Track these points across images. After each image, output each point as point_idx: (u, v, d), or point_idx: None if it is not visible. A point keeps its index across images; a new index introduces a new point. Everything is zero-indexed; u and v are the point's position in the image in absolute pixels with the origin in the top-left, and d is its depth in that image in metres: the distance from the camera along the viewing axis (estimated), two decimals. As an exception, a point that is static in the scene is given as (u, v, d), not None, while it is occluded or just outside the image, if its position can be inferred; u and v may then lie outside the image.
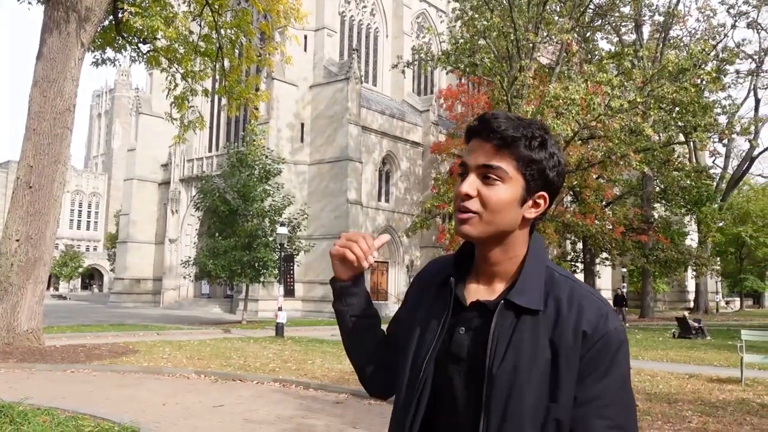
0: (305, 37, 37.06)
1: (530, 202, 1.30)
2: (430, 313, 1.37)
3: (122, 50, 18.29)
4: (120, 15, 16.78)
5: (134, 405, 8.76)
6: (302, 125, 38.87)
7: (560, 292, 1.27)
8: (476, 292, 1.34)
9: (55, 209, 14.86)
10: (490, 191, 1.27)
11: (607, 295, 58.64)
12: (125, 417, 7.40)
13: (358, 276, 1.51)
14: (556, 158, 1.30)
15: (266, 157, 28.71)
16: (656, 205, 45.64)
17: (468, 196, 1.28)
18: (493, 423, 1.21)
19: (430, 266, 1.52)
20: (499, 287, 1.32)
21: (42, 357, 13.13)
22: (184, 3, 19.23)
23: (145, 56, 18.37)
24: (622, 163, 28.10)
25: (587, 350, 1.21)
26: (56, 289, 75.24)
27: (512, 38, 25.79)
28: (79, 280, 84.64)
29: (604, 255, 44.85)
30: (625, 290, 43.04)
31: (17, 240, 14.09)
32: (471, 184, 1.28)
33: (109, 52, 18.38)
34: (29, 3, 16.43)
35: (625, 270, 47.96)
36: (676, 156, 40.69)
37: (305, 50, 38.09)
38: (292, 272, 26.24)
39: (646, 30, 41.44)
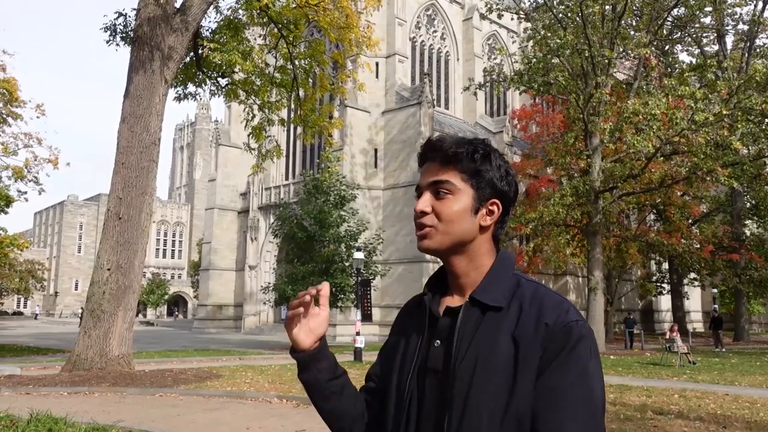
0: (377, 64, 37.59)
1: (483, 210, 1.38)
2: (410, 334, 1.43)
3: (202, 85, 19.08)
4: (200, 51, 17.53)
5: (219, 428, 8.92)
6: (375, 151, 39.27)
7: (524, 292, 1.32)
8: (449, 303, 1.40)
9: (143, 239, 15.51)
10: (442, 204, 1.36)
11: (698, 317, 55.92)
12: (211, 441, 7.54)
13: (321, 338, 1.47)
14: (503, 169, 1.39)
15: (341, 183, 29.12)
16: (747, 221, 43.33)
17: (423, 213, 1.37)
18: (455, 418, 1.25)
19: (414, 297, 1.55)
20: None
21: (132, 381, 13.63)
22: (260, 37, 19.92)
23: (223, 89, 19.09)
24: (708, 179, 26.89)
25: (548, 342, 1.23)
26: (144, 315, 78.38)
27: (587, 55, 25.26)
28: (165, 306, 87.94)
29: (692, 275, 42.89)
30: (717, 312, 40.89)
31: (108, 269, 14.78)
32: (425, 201, 1.38)
33: (191, 87, 19.19)
34: (117, 45, 17.39)
35: (715, 291, 45.70)
36: (767, 170, 38.59)
37: (377, 77, 38.63)
38: (369, 297, 26.31)
39: (730, 40, 39.82)
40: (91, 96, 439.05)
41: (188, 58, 18.05)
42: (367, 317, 26.13)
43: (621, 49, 26.63)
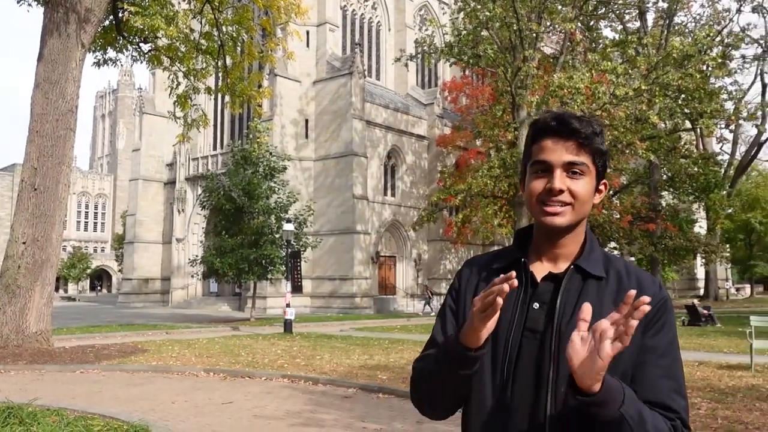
0: (307, 33, 36.98)
1: (596, 191, 1.47)
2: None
3: (123, 50, 18.28)
4: (120, 15, 16.77)
5: (143, 404, 8.77)
6: (306, 121, 38.83)
7: (618, 266, 1.45)
8: (543, 269, 1.47)
9: (61, 211, 14.88)
10: (577, 185, 1.41)
11: (616, 284, 58.50)
12: (134, 416, 7.40)
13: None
14: (606, 150, 1.48)
15: (270, 154, 28.69)
16: (664, 193, 45.43)
17: (561, 191, 1.41)
18: (562, 373, 1.32)
19: (474, 261, 1.59)
20: (564, 264, 1.46)
21: (51, 358, 13.18)
22: (184, 1, 19.21)
23: (146, 56, 18.35)
24: (628, 151, 27.95)
25: (649, 311, 1.28)
26: (65, 291, 75.65)
27: (515, 29, 25.62)
28: (88, 281, 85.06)
29: (612, 244, 44.69)
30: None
31: (24, 242, 14.13)
32: (561, 179, 1.41)
33: (111, 53, 18.35)
34: (29, 5, 16.43)
35: (633, 259, 47.75)
36: (682, 143, 40.53)
37: (307, 46, 38.03)
38: (299, 269, 26.23)
39: (650, 17, 41.21)
40: (1, 59, 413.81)
41: (108, 22, 17.22)
42: (297, 289, 26.08)
43: (548, 24, 27.15)
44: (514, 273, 1.27)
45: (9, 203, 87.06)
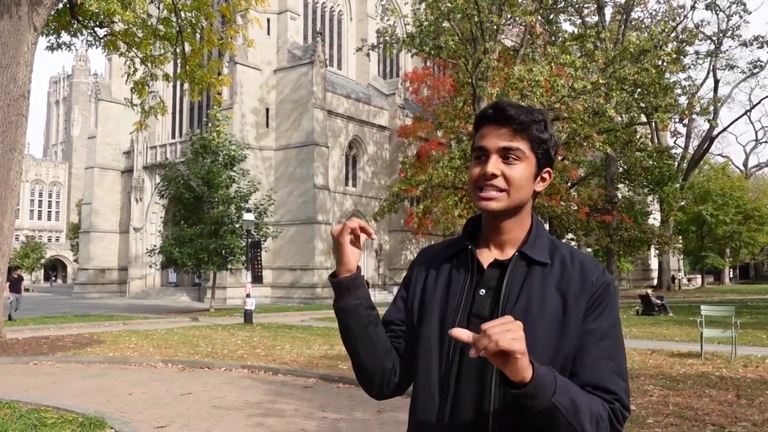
0: (268, 21, 36.56)
1: (538, 178, 1.49)
2: (448, 282, 1.51)
3: (78, 34, 17.79)
4: (75, -2, 16.30)
5: (99, 395, 8.63)
6: (267, 110, 38.46)
7: (563, 252, 1.47)
8: (490, 256, 1.50)
9: (12, 199, 14.46)
10: (512, 170, 1.44)
11: (573, 274, 59.62)
12: (90, 408, 7.29)
13: (358, 268, 1.54)
14: (554, 138, 1.50)
15: (230, 143, 28.34)
16: (620, 185, 46.37)
17: (494, 176, 1.43)
18: None
19: (426, 251, 1.64)
20: (510, 251, 1.49)
21: (3, 350, 12.86)
22: (141, -15, 18.74)
23: (102, 40, 17.90)
24: (585, 144, 28.45)
25: (591, 295, 1.40)
26: (18, 281, 73.55)
27: (476, 20, 25.78)
28: (42, 271, 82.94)
29: (570, 236, 45.49)
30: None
31: (-27, 231, 13.70)
32: (495, 164, 1.43)
33: (65, 37, 17.80)
34: (-23, -15, 15.82)
35: (590, 250, 48.66)
36: (638, 137, 41.35)
37: (268, 34, 37.59)
38: (259, 258, 26.05)
39: (608, 12, 41.83)
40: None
41: (61, 5, 16.73)
42: (257, 279, 25.91)
43: (509, 16, 27.36)
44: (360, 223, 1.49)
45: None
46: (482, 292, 1.45)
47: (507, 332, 1.15)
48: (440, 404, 1.43)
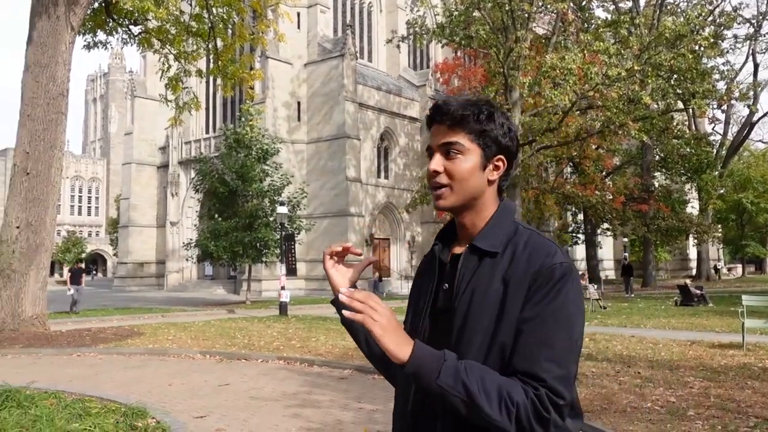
0: (298, 14, 36.68)
1: (491, 166, 1.49)
2: (424, 281, 1.59)
3: (113, 33, 18.13)
4: (110, -3, 16.59)
5: (140, 386, 8.82)
6: (298, 104, 38.65)
7: (520, 239, 1.45)
8: (459, 251, 1.53)
9: (54, 195, 14.84)
10: (453, 164, 1.47)
11: (610, 265, 58.87)
12: (132, 398, 7.46)
13: (354, 285, 1.65)
14: (505, 126, 1.50)
15: (263, 137, 28.59)
16: (656, 173, 45.54)
17: (436, 173, 1.48)
18: (452, 347, 1.37)
19: (431, 249, 1.68)
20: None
21: (48, 342, 13.23)
22: (174, -17, 18.97)
23: (136, 38, 18.20)
24: (620, 132, 27.95)
25: (534, 281, 1.37)
26: (60, 275, 75.46)
27: (507, 8, 25.48)
28: (83, 265, 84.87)
29: (605, 225, 44.89)
30: (627, 260, 43.13)
31: (17, 227, 14.10)
32: (437, 161, 1.48)
33: (101, 35, 18.17)
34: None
35: (626, 240, 48.10)
36: (675, 124, 40.52)
37: (298, 27, 37.74)
38: (293, 251, 26.27)
39: (643, -4, 40.96)
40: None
41: (97, 4, 17.05)
42: (291, 272, 26.13)
43: (540, 3, 26.99)
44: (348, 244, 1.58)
45: (2, 188, 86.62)
46: (445, 286, 1.49)
47: (372, 311, 1.31)
48: (407, 393, 1.51)
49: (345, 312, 1.34)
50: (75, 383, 8.81)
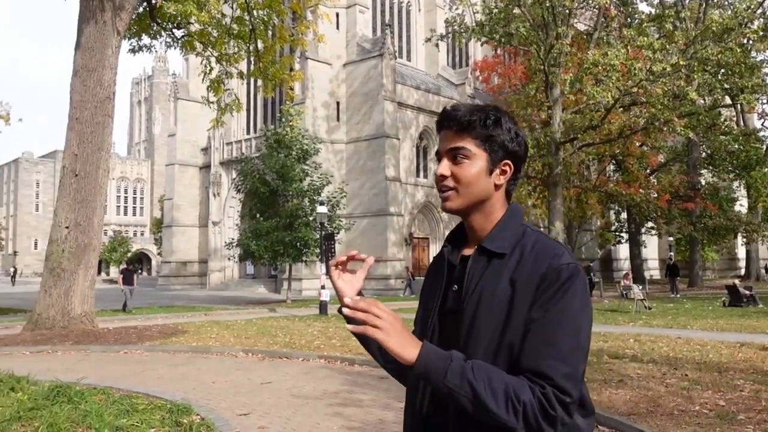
0: (337, 15, 36.87)
1: (497, 171, 1.52)
2: (434, 283, 1.62)
3: (157, 36, 18.50)
4: (153, 1, 16.94)
5: (185, 383, 8.98)
6: (338, 104, 38.85)
7: (527, 241, 1.48)
8: (465, 253, 1.57)
9: (101, 196, 15.23)
10: (460, 169, 1.51)
11: (654, 264, 57.63)
12: (177, 395, 7.60)
13: (360, 292, 1.64)
14: (513, 131, 1.53)
15: (303, 137, 28.83)
16: (703, 171, 44.38)
17: (443, 177, 1.52)
18: (469, 351, 1.40)
19: (440, 251, 1.71)
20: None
21: (96, 339, 13.58)
22: (215, -14, 19.25)
23: (179, 41, 18.55)
24: (665, 129, 27.37)
25: (540, 282, 1.39)
26: (106, 274, 77.47)
27: (548, 5, 25.16)
28: (133, 266, 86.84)
29: (650, 224, 43.99)
30: (672, 259, 42.16)
31: (67, 227, 14.51)
32: (444, 166, 1.52)
33: (145, 39, 18.60)
34: (66, -6, 16.66)
35: (672, 239, 46.98)
36: (722, 120, 39.40)
37: (337, 28, 37.93)
38: (333, 250, 26.38)
39: (689, -11, 39.95)
40: (42, 48, 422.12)
41: (141, 9, 17.43)
42: (331, 271, 26.24)
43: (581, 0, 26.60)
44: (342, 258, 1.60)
45: (52, 189, 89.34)
46: (454, 288, 1.52)
47: (374, 318, 1.32)
48: (418, 395, 1.54)
49: (348, 326, 1.38)
50: (122, 380, 9.01)
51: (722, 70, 29.39)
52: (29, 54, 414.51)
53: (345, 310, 1.37)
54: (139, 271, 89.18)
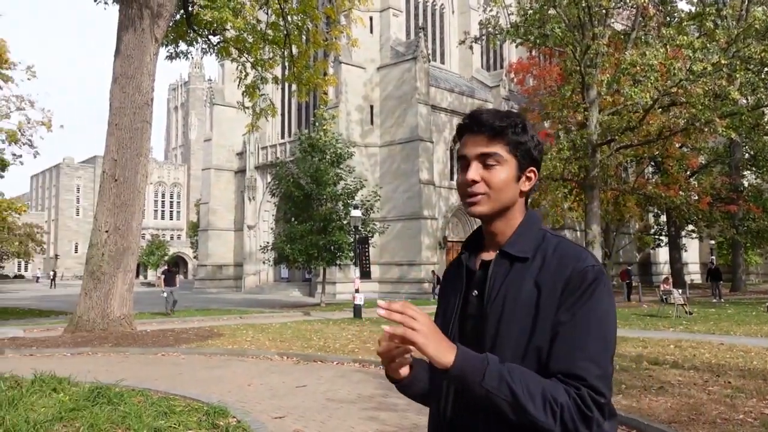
0: (371, 19, 36.99)
1: (524, 178, 1.54)
2: (452, 289, 1.62)
3: (194, 43, 18.79)
4: (190, 9, 17.21)
5: (221, 386, 9.06)
6: (371, 107, 38.94)
7: (548, 245, 1.49)
8: (488, 258, 1.57)
9: (140, 200, 15.50)
10: (491, 174, 1.51)
11: (695, 268, 56.36)
12: (213, 397, 7.66)
13: (412, 366, 1.56)
14: (535, 139, 1.55)
15: (337, 141, 28.95)
16: (746, 172, 43.24)
17: (474, 182, 1.51)
18: (486, 352, 1.40)
19: (456, 257, 1.72)
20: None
21: (134, 341, 13.80)
22: (251, -8, 19.48)
23: (215, 47, 18.80)
24: (706, 129, 26.70)
25: (566, 285, 1.40)
26: (144, 277, 78.85)
27: (583, 5, 24.82)
28: (166, 268, 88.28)
29: (690, 227, 43.03)
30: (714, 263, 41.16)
31: (106, 231, 14.80)
32: (475, 170, 1.52)
33: (182, 46, 18.92)
34: (105, 3, 17.05)
35: (713, 242, 45.95)
36: (766, 120, 38.36)
37: (371, 32, 38.03)
38: (367, 254, 26.49)
39: (730, -13, 39.04)
40: (82, 56, 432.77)
41: (178, 16, 17.72)
42: (365, 274, 26.34)
43: (619, -1, 26.18)
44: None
45: (92, 193, 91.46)
46: (475, 293, 1.53)
47: (411, 320, 1.33)
48: (441, 401, 1.55)
49: (384, 327, 1.39)
50: (160, 382, 9.13)
51: (766, 69, 28.59)
52: (65, 66, 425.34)
53: (379, 311, 1.37)
54: (180, 273, 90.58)
